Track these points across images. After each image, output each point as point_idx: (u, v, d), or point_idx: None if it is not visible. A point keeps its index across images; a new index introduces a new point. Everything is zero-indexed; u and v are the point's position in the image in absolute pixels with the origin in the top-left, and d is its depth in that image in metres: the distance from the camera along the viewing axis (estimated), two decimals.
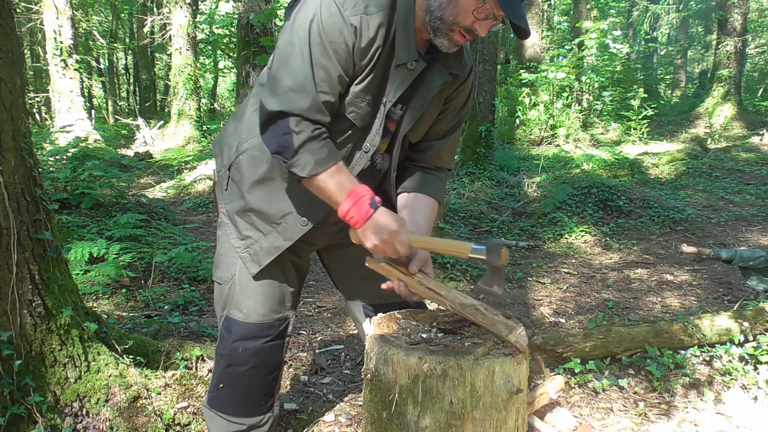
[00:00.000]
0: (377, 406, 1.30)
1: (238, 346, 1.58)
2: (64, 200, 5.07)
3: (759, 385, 2.28)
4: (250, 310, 1.57)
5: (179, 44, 11.99)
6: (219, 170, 1.64)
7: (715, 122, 12.19)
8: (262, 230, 1.53)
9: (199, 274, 3.86)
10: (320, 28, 1.30)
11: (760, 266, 3.13)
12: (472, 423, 1.22)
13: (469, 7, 1.32)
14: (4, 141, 1.67)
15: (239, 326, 1.58)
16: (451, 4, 1.33)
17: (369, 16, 1.32)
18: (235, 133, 1.60)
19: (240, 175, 1.55)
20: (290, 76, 1.32)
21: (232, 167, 1.57)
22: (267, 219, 1.53)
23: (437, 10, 1.34)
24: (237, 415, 1.63)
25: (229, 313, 1.60)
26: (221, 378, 1.62)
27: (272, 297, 1.58)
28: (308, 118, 1.32)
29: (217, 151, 1.66)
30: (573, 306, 3.58)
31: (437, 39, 1.38)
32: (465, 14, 1.33)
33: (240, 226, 1.56)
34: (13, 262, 1.70)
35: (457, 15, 1.33)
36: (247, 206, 1.54)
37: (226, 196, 1.60)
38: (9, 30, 1.69)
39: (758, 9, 19.40)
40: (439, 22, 1.35)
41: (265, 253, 1.53)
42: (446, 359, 1.20)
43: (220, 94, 23.20)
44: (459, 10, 1.32)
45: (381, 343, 1.29)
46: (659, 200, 6.10)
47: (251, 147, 1.52)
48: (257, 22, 7.72)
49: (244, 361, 1.59)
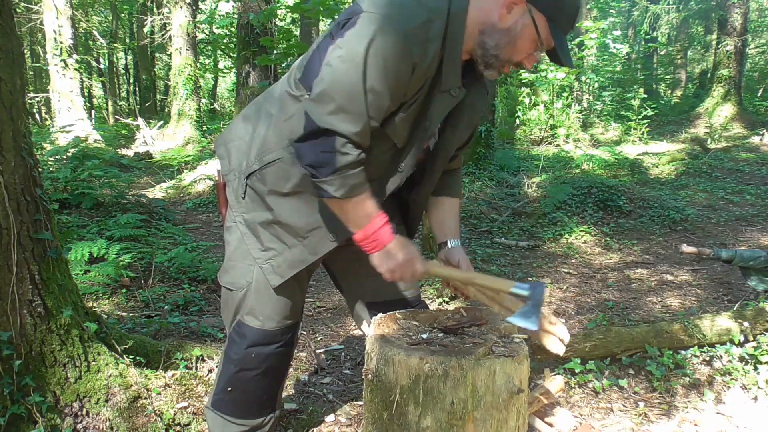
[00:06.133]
0: (378, 407, 1.30)
1: (252, 351, 1.58)
2: (64, 200, 5.07)
3: (759, 385, 2.27)
4: (266, 317, 1.57)
5: (179, 44, 11.99)
6: (227, 173, 1.59)
7: (715, 122, 12.20)
8: (287, 243, 1.51)
9: (199, 274, 3.86)
10: (380, 54, 1.27)
11: (760, 266, 3.13)
12: (473, 423, 1.22)
13: (526, 48, 1.39)
14: (4, 141, 1.67)
15: (255, 333, 1.58)
16: (509, 45, 1.37)
17: (428, 50, 1.32)
18: (252, 138, 1.54)
19: (265, 186, 1.50)
20: (344, 96, 1.28)
21: (253, 177, 1.51)
22: (293, 232, 1.50)
23: (493, 49, 1.38)
24: (241, 417, 1.64)
25: (243, 319, 1.58)
26: (230, 382, 1.61)
27: (287, 305, 1.59)
28: (354, 141, 1.31)
29: (224, 152, 1.61)
30: (573, 306, 3.58)
31: (487, 71, 1.43)
32: (520, 53, 1.40)
33: (263, 237, 1.52)
34: (13, 262, 1.70)
35: (512, 54, 1.39)
36: (273, 218, 1.50)
37: (244, 205, 1.55)
38: (9, 30, 1.69)
39: (758, 9, 19.39)
40: (494, 59, 1.39)
41: (288, 266, 1.52)
42: (447, 359, 1.20)
43: (220, 94, 23.19)
44: (516, 50, 1.38)
45: (382, 343, 1.29)
46: (659, 200, 6.10)
47: (280, 159, 1.48)
48: (257, 22, 7.72)
49: (255, 365, 1.60)
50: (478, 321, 1.49)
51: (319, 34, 17.53)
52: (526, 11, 1.34)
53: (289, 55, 6.18)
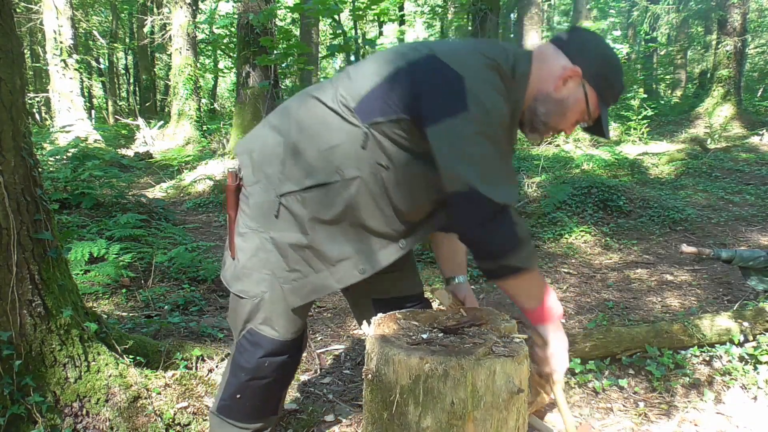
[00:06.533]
0: (378, 407, 1.30)
1: (265, 361, 1.56)
2: (64, 200, 5.07)
3: (759, 385, 2.27)
4: (283, 327, 1.55)
5: (179, 44, 11.99)
6: (250, 184, 1.51)
7: (715, 122, 12.19)
8: (314, 267, 1.48)
9: (199, 274, 3.86)
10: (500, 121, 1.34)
11: (760, 266, 3.13)
12: (473, 423, 1.22)
13: (574, 119, 1.48)
14: (4, 141, 1.67)
15: (270, 343, 1.56)
16: (559, 114, 1.46)
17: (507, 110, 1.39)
18: (285, 154, 1.47)
19: (305, 210, 1.44)
20: (499, 167, 1.34)
21: (289, 197, 1.45)
22: (324, 258, 1.48)
23: (543, 116, 1.46)
24: (247, 421, 1.64)
25: (257, 328, 1.55)
26: (239, 389, 1.59)
27: (303, 315, 1.60)
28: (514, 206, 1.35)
29: (247, 161, 1.53)
30: (573, 306, 3.58)
31: (531, 134, 1.51)
32: (566, 122, 1.48)
33: (290, 258, 1.48)
34: (13, 262, 1.70)
35: (559, 122, 1.48)
36: (307, 243, 1.46)
37: (274, 224, 1.48)
38: (9, 30, 1.69)
39: (758, 9, 19.39)
40: (542, 125, 1.47)
41: (311, 290, 1.50)
42: (447, 359, 1.20)
43: (220, 94, 23.20)
44: (564, 119, 1.47)
45: (382, 343, 1.29)
46: (659, 200, 6.10)
47: (324, 185, 1.42)
48: (257, 22, 7.73)
49: (267, 374, 1.59)
50: (478, 321, 1.49)
51: (319, 34, 17.35)
52: (581, 85, 1.43)
53: (289, 55, 6.17)
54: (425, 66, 1.36)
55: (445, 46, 1.40)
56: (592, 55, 1.43)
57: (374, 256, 1.47)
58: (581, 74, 1.41)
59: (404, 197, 1.43)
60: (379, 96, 1.38)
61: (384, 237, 1.48)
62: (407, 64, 1.38)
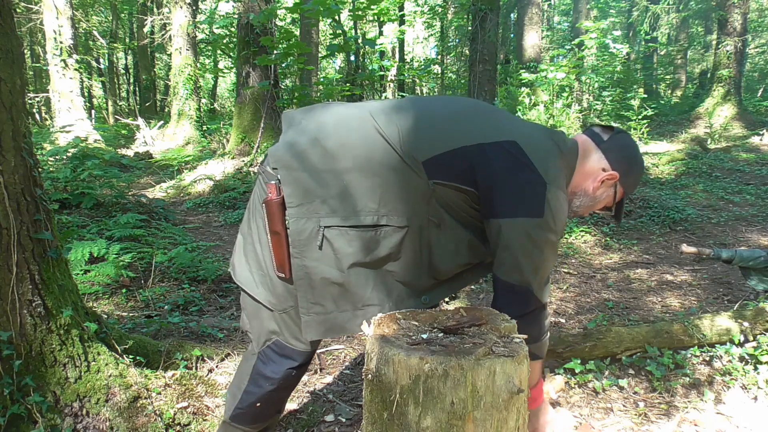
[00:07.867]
0: (378, 407, 1.30)
1: (293, 371, 1.58)
2: (64, 200, 5.07)
3: (759, 385, 2.27)
4: (307, 340, 1.54)
5: (179, 44, 11.99)
6: (293, 206, 1.39)
7: (715, 122, 12.19)
8: (339, 306, 1.45)
9: (199, 274, 3.86)
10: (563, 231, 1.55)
11: (760, 266, 3.12)
12: (473, 423, 1.22)
13: (598, 208, 1.63)
14: (4, 141, 1.67)
15: (301, 355, 1.56)
16: (589, 207, 1.61)
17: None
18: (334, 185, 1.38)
19: (349, 248, 1.40)
20: (546, 271, 1.47)
21: (335, 231, 1.39)
22: (351, 299, 1.44)
23: (576, 208, 1.61)
24: (256, 423, 1.68)
25: (288, 343, 1.54)
26: (261, 398, 1.59)
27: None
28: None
29: (288, 178, 1.40)
30: (573, 306, 3.58)
31: None
32: (591, 210, 1.64)
33: (317, 291, 1.43)
34: (13, 262, 1.70)
35: (586, 211, 1.63)
36: (341, 281, 1.42)
37: (314, 254, 1.40)
38: (9, 30, 1.69)
39: (758, 9, 19.39)
40: (572, 213, 1.60)
41: (329, 328, 1.46)
42: (447, 359, 1.20)
43: (220, 94, 23.20)
44: (591, 209, 1.62)
45: (382, 343, 1.29)
46: (659, 200, 6.10)
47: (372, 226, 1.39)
48: (257, 22, 7.72)
49: (292, 383, 1.63)
50: (478, 321, 1.49)
51: (319, 34, 17.30)
52: (614, 185, 1.57)
53: (289, 55, 6.16)
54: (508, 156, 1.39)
55: (524, 129, 1.47)
56: (630, 163, 1.57)
57: (397, 307, 1.47)
58: (618, 179, 1.55)
59: (443, 256, 1.46)
60: (455, 163, 1.39)
61: (411, 289, 1.49)
62: (489, 144, 1.40)
